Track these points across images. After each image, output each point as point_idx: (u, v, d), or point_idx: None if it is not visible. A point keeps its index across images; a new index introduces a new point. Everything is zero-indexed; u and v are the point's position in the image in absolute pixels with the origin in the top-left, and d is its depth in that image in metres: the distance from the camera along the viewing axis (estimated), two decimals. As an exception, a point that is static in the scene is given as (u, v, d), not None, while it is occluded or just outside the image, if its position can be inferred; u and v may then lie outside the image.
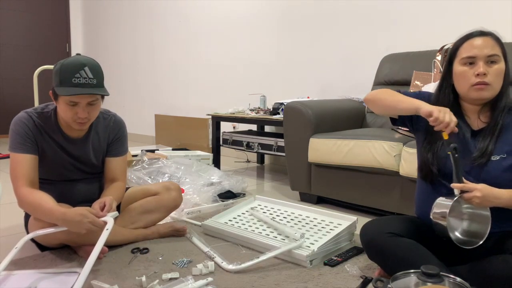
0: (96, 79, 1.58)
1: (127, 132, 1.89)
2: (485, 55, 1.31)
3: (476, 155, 1.34)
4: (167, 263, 1.65)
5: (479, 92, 1.33)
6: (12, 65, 5.86)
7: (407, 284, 1.16)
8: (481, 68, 1.31)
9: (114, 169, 1.83)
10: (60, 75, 1.56)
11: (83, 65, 1.56)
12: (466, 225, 1.33)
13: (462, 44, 1.37)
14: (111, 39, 5.90)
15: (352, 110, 2.87)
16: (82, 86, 1.55)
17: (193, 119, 4.50)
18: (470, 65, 1.34)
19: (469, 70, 1.33)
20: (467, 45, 1.35)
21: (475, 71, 1.32)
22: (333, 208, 2.47)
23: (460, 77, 1.37)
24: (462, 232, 1.32)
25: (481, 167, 1.34)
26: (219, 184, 2.66)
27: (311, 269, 1.62)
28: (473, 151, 1.36)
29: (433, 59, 2.51)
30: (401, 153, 2.12)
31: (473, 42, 1.34)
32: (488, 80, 1.31)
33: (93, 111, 1.64)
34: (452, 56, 1.40)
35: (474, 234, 1.30)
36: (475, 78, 1.32)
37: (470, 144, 1.38)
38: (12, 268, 1.57)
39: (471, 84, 1.33)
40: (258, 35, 4.03)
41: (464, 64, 1.35)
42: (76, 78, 1.54)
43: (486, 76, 1.31)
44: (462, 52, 1.36)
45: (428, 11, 2.92)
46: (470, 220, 1.34)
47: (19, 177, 1.60)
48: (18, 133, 1.63)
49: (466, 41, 1.36)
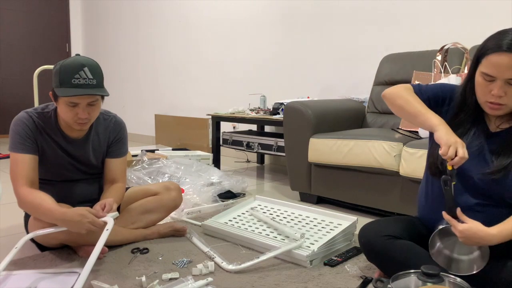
0: (96, 79, 1.58)
1: (127, 133, 1.89)
2: (505, 78, 1.20)
3: (493, 170, 1.28)
4: (167, 263, 1.65)
5: (493, 111, 1.27)
6: (12, 65, 5.86)
7: (407, 284, 1.16)
8: (496, 90, 1.22)
9: (114, 170, 1.83)
10: (59, 76, 1.56)
11: (82, 65, 1.56)
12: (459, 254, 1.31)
13: (487, 53, 1.23)
14: (111, 39, 5.90)
15: (352, 110, 2.87)
16: (81, 87, 1.55)
17: (193, 119, 4.50)
18: (489, 82, 1.24)
19: (487, 86, 1.24)
20: (490, 60, 1.22)
21: (491, 89, 1.23)
22: (333, 208, 2.47)
23: (477, 88, 1.29)
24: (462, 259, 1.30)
25: (496, 181, 1.29)
26: (219, 184, 2.66)
27: (311, 269, 1.61)
28: (486, 155, 1.32)
29: (433, 59, 2.51)
30: (401, 153, 2.12)
31: (497, 60, 1.20)
32: (503, 102, 1.23)
33: (93, 112, 1.64)
34: (477, 59, 1.28)
35: (474, 258, 1.27)
36: (491, 96, 1.24)
37: (484, 148, 1.33)
38: (12, 268, 1.57)
39: (486, 100, 1.26)
40: (258, 35, 4.03)
41: (483, 78, 1.25)
42: (75, 79, 1.54)
43: (503, 98, 1.23)
44: (483, 64, 1.24)
45: (428, 11, 2.92)
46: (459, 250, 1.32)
47: (19, 177, 1.60)
48: (18, 133, 1.63)
49: (492, 54, 1.21)
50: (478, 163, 1.32)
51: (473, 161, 1.31)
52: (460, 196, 1.34)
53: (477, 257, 1.26)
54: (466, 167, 1.31)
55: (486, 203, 1.31)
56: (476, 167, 1.32)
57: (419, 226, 1.47)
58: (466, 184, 1.34)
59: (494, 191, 1.30)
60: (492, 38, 1.24)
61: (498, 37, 1.22)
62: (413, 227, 1.46)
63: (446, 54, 2.49)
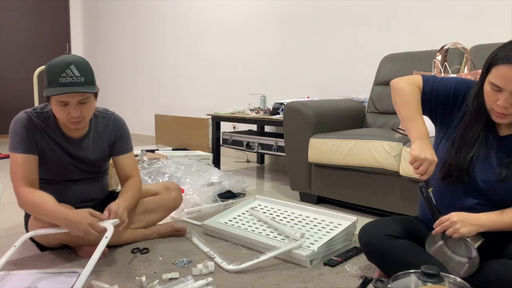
0: (84, 77, 1.56)
1: (128, 130, 1.89)
2: None
3: (502, 177, 1.28)
4: (167, 263, 1.65)
5: (499, 119, 1.27)
6: (12, 65, 5.86)
7: (407, 284, 1.16)
8: (502, 101, 1.21)
9: (124, 166, 1.83)
10: (48, 76, 1.55)
11: (69, 63, 1.54)
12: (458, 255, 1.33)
13: (497, 64, 1.21)
14: (111, 39, 5.90)
15: (352, 110, 2.87)
16: (69, 85, 1.53)
17: (193, 119, 4.50)
18: (496, 91, 1.23)
19: (494, 95, 1.24)
20: (500, 71, 1.20)
21: (498, 99, 1.23)
22: (333, 208, 2.47)
23: (485, 95, 1.28)
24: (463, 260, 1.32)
25: (500, 185, 1.29)
26: (219, 184, 2.65)
27: (311, 269, 1.61)
28: (493, 160, 1.31)
29: (433, 59, 2.51)
30: (401, 153, 2.12)
31: (506, 72, 1.19)
32: (508, 112, 1.23)
33: (85, 110, 1.62)
34: (487, 67, 1.26)
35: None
36: (496, 105, 1.24)
37: (492, 152, 1.33)
38: (12, 268, 1.57)
39: (492, 108, 1.27)
40: (258, 35, 4.03)
41: (491, 87, 1.25)
42: (62, 78, 1.53)
43: (508, 109, 1.23)
44: (492, 74, 1.23)
45: (428, 11, 2.92)
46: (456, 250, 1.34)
47: (19, 177, 1.60)
48: (17, 133, 1.63)
49: (501, 65, 1.20)
50: (484, 167, 1.32)
51: (480, 165, 1.32)
52: (462, 197, 1.35)
53: (467, 263, 1.28)
54: (472, 171, 1.32)
55: (486, 204, 1.32)
56: (482, 171, 1.32)
57: (419, 226, 1.47)
58: (469, 187, 1.34)
59: (496, 194, 1.30)
60: (504, 47, 1.23)
61: (509, 48, 1.21)
62: (413, 227, 1.46)
63: (446, 54, 2.49)
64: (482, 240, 1.27)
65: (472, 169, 1.32)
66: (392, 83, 1.46)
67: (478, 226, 1.26)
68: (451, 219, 1.27)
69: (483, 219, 1.27)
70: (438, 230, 1.30)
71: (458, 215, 1.27)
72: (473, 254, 1.26)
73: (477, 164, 1.32)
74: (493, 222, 1.27)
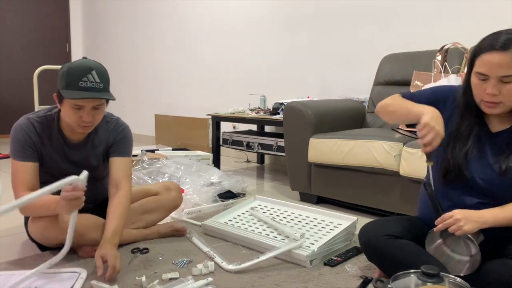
0: (103, 83, 1.58)
1: (131, 136, 1.84)
2: (498, 76, 1.22)
3: (503, 171, 1.29)
4: (167, 263, 1.65)
5: (489, 109, 1.29)
6: (12, 65, 5.86)
7: (407, 284, 1.16)
8: (490, 89, 1.23)
9: (117, 169, 1.75)
10: (66, 78, 1.54)
11: (90, 68, 1.55)
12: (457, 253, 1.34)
13: (480, 53, 1.25)
14: (111, 39, 5.90)
15: (352, 110, 2.87)
16: (88, 90, 1.54)
17: (193, 119, 4.50)
18: (483, 81, 1.26)
19: (481, 85, 1.26)
20: (483, 59, 1.24)
21: (486, 88, 1.25)
22: (333, 208, 2.47)
23: (473, 88, 1.30)
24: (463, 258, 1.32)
25: (499, 181, 1.30)
26: (219, 184, 2.66)
27: (311, 269, 1.61)
28: (489, 157, 1.32)
29: (433, 59, 2.51)
30: (401, 153, 2.12)
31: (490, 59, 1.22)
32: (498, 100, 1.25)
33: (97, 115, 1.63)
34: (471, 60, 1.30)
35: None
36: (485, 95, 1.26)
37: (486, 149, 1.34)
38: (12, 268, 1.57)
39: (482, 99, 1.28)
40: (258, 35, 4.03)
41: (477, 78, 1.27)
42: (83, 82, 1.53)
43: (497, 97, 1.24)
44: (477, 64, 1.27)
45: (428, 11, 2.92)
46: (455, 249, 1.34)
47: (19, 184, 1.59)
48: (18, 140, 1.62)
49: (485, 53, 1.24)
50: (481, 165, 1.33)
51: (476, 164, 1.32)
52: (462, 197, 1.35)
53: (468, 261, 1.28)
54: (469, 169, 1.33)
55: (487, 202, 1.32)
56: (479, 169, 1.32)
57: (419, 226, 1.47)
58: (468, 185, 1.34)
59: (496, 192, 1.31)
60: (485, 39, 1.28)
61: (491, 37, 1.26)
62: (414, 227, 1.46)
63: (446, 54, 2.49)
64: (482, 237, 1.27)
65: (469, 167, 1.33)
66: (377, 108, 1.51)
67: (482, 222, 1.26)
68: (455, 216, 1.27)
69: (487, 215, 1.27)
70: (441, 227, 1.29)
71: (461, 212, 1.27)
72: (474, 251, 1.26)
73: (473, 163, 1.33)
74: (496, 218, 1.27)
